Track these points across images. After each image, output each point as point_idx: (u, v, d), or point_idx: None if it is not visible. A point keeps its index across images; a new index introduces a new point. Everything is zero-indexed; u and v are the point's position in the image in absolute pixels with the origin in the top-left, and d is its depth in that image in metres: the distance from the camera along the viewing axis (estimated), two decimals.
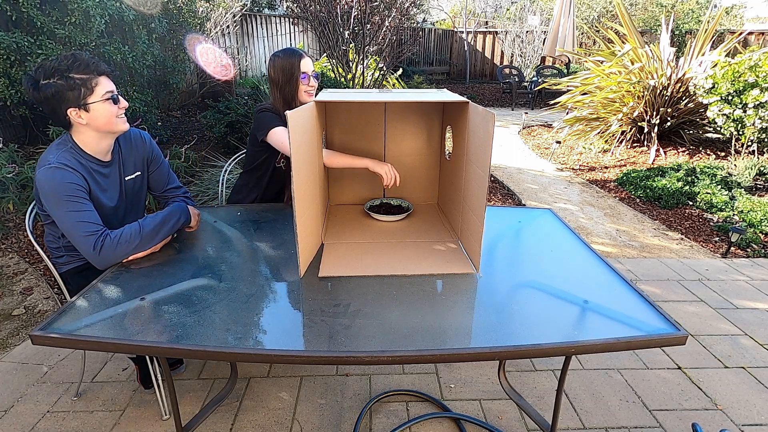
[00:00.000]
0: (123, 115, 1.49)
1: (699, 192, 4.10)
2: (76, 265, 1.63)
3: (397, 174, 1.78)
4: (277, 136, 1.85)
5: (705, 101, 4.87)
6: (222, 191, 2.26)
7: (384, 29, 5.28)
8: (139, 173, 1.68)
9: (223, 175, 2.25)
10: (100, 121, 1.43)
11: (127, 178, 1.62)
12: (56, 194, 1.36)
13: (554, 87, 7.07)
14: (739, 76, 4.56)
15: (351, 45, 5.37)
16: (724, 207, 3.84)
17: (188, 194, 1.81)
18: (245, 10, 7.69)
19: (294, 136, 1.23)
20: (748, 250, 3.28)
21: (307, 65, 1.91)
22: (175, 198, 1.76)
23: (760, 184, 4.29)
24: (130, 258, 1.44)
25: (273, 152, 1.98)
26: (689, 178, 4.39)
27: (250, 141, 2.00)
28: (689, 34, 9.93)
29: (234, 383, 1.68)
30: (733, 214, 3.74)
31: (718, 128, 4.93)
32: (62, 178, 1.36)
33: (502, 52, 12.06)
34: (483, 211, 1.30)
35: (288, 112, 1.18)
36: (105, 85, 1.42)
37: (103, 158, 1.53)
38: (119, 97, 1.46)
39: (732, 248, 3.28)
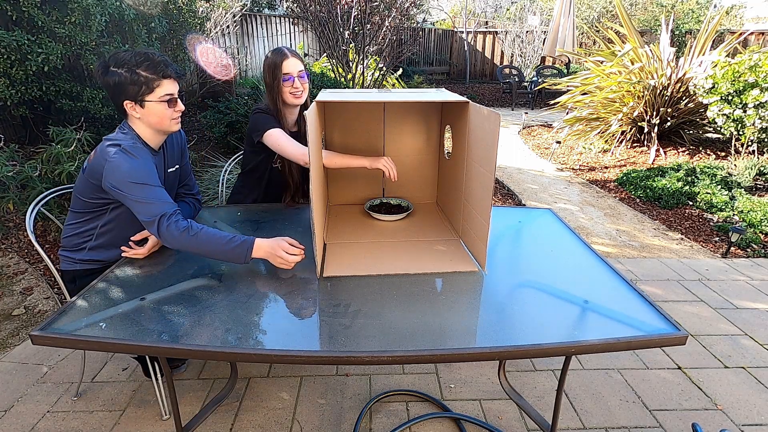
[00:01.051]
0: (177, 117, 1.52)
1: (699, 192, 4.10)
2: (85, 267, 1.59)
3: (394, 166, 1.73)
4: (272, 138, 1.82)
5: (705, 101, 4.87)
6: (222, 191, 2.26)
7: (384, 29, 5.27)
8: (177, 166, 1.71)
9: (223, 175, 2.25)
10: (152, 118, 1.46)
11: (168, 171, 1.65)
12: (136, 177, 1.37)
13: (554, 87, 7.07)
14: (739, 76, 4.56)
15: (351, 45, 5.37)
16: (724, 207, 3.84)
17: (199, 197, 1.83)
18: (245, 10, 7.68)
19: (310, 136, 1.24)
20: (748, 250, 3.28)
21: (289, 66, 1.81)
22: (185, 197, 1.79)
23: (760, 184, 4.29)
24: (131, 256, 1.46)
25: (269, 153, 1.97)
26: (689, 178, 4.39)
27: (246, 142, 1.99)
28: (689, 34, 9.93)
29: (234, 383, 1.68)
30: (733, 214, 3.74)
31: (718, 128, 4.92)
32: (143, 162, 1.40)
33: (502, 52, 12.05)
34: (488, 211, 1.31)
35: (306, 112, 1.18)
36: (166, 88, 1.45)
37: (155, 148, 1.57)
38: (178, 100, 1.49)
39: (732, 248, 3.28)
